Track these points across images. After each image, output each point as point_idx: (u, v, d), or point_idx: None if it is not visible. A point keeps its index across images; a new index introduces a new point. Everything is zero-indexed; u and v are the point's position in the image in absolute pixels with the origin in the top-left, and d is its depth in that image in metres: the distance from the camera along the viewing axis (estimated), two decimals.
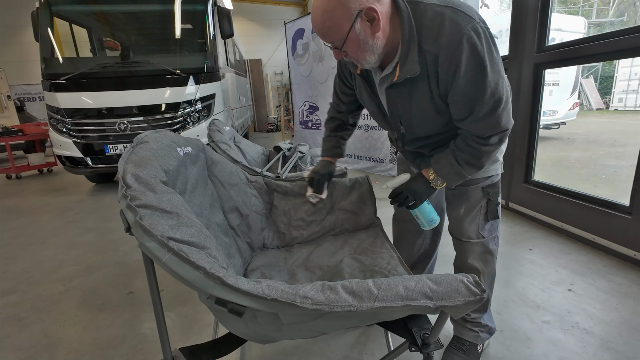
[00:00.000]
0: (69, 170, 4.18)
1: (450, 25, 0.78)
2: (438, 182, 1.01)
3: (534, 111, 2.38)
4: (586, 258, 1.91)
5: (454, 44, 0.78)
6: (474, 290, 0.58)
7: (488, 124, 0.88)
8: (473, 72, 0.80)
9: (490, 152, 0.94)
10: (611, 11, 15.43)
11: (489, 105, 0.84)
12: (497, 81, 0.82)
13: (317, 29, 0.84)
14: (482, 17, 0.83)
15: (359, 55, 0.86)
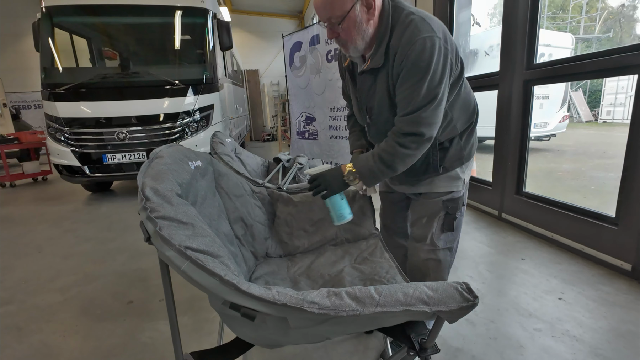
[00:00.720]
0: (66, 179, 4.18)
1: (413, 29, 0.91)
2: (351, 177, 1.08)
3: (524, 125, 2.47)
4: (576, 268, 1.97)
5: (409, 44, 0.90)
6: (467, 297, 0.63)
7: (410, 120, 0.95)
8: (414, 71, 0.91)
9: (403, 155, 0.99)
10: (597, 27, 15.97)
11: (417, 105, 0.93)
12: (432, 89, 0.92)
13: (320, 2, 0.95)
14: (448, 37, 0.95)
15: (351, 37, 0.98)
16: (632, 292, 1.70)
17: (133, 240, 2.81)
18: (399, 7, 0.98)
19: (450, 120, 1.08)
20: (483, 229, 2.65)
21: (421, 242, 1.22)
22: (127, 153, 3.99)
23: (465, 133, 1.14)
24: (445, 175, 1.16)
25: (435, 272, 1.23)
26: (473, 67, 5.58)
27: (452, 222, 1.19)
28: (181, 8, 4.24)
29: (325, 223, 1.37)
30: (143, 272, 2.21)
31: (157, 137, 4.04)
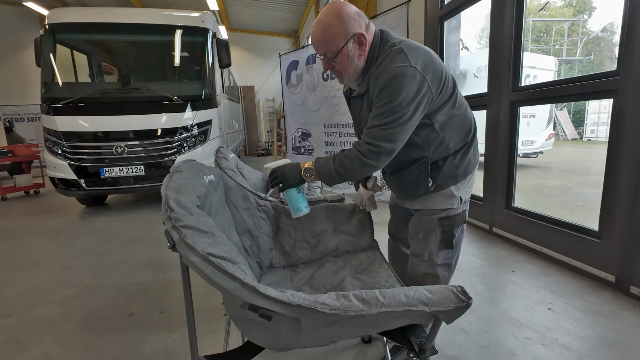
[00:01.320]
0: (61, 192, 4.17)
1: (389, 60, 1.02)
2: (307, 173, 1.14)
3: (511, 144, 2.61)
4: (564, 279, 2.06)
5: (382, 73, 1.01)
6: (462, 298, 0.70)
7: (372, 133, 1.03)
8: (383, 95, 1.01)
9: (361, 163, 1.04)
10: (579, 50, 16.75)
11: (381, 122, 1.01)
12: (398, 111, 0.99)
13: (317, 39, 1.07)
14: (429, 65, 1.03)
15: (344, 69, 1.10)
16: (617, 302, 1.79)
17: (132, 253, 2.82)
18: (385, 39, 1.09)
19: (442, 140, 1.14)
20: (475, 242, 2.74)
21: (419, 258, 1.26)
22: (124, 167, 4.02)
23: (460, 152, 1.18)
24: (440, 193, 1.20)
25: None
26: (463, 88, 5.82)
27: (451, 240, 1.22)
28: (183, 27, 4.39)
29: (326, 235, 1.44)
30: (143, 284, 2.23)
31: (155, 151, 4.09)
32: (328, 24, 1.03)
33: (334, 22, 1.03)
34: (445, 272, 1.27)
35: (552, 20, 17.74)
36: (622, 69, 1.79)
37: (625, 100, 1.80)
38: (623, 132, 1.83)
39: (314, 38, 1.07)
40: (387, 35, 1.10)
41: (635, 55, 1.73)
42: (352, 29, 1.04)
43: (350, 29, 1.04)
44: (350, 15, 1.04)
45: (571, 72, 16.28)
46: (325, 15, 1.04)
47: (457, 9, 3.14)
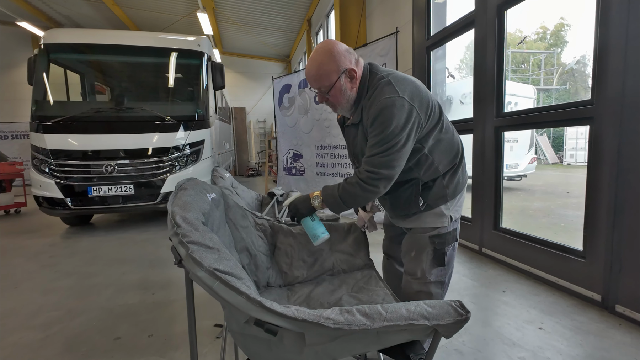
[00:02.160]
0: (45, 211, 4.06)
1: (378, 92, 1.11)
2: (316, 201, 1.19)
3: (497, 166, 2.72)
4: (552, 299, 2.10)
5: (373, 105, 1.10)
6: (460, 312, 0.73)
7: (371, 161, 1.10)
8: (376, 125, 1.09)
9: (363, 189, 1.11)
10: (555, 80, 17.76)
11: (377, 151, 1.09)
12: (391, 139, 1.07)
13: (312, 75, 1.16)
14: (416, 95, 1.12)
15: (338, 101, 1.19)
16: (604, 321, 1.83)
17: (118, 274, 2.74)
18: (374, 72, 1.19)
19: (432, 163, 1.21)
20: (465, 262, 2.78)
21: (412, 276, 1.29)
22: (113, 186, 3.97)
23: (449, 173, 1.25)
24: (431, 212, 1.25)
25: None
26: (449, 113, 6.06)
27: (442, 257, 1.26)
28: (179, 50, 4.50)
29: (322, 254, 1.46)
30: (130, 307, 2.16)
31: (146, 170, 4.07)
32: (321, 62, 1.12)
33: (326, 59, 1.12)
34: (439, 289, 1.29)
35: (529, 52, 18.88)
36: (597, 98, 1.93)
37: (600, 127, 1.93)
38: (600, 156, 1.94)
39: (308, 74, 1.16)
40: (376, 69, 1.20)
41: (608, 85, 1.87)
42: (343, 65, 1.13)
43: (342, 65, 1.13)
44: (341, 53, 1.13)
45: (549, 100, 17.17)
46: (318, 53, 1.14)
47: (443, 40, 3.34)
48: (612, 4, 1.82)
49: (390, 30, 3.87)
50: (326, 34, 8.13)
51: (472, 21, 2.85)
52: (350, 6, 5.52)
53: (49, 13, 9.95)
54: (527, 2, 2.49)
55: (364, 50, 4.13)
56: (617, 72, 1.82)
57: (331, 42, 1.15)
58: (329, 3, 7.31)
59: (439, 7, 3.56)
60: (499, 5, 2.55)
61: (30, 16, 9.53)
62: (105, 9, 9.31)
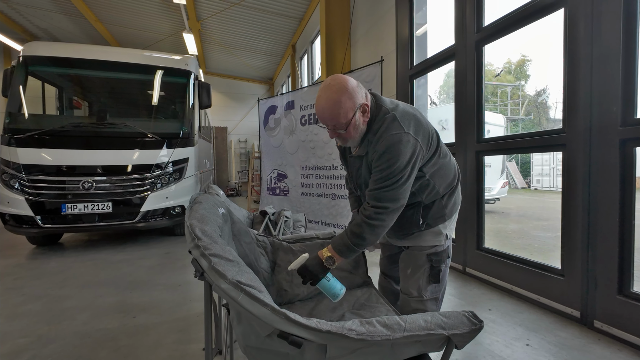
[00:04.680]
0: (10, 229, 3.79)
1: (384, 128, 1.14)
2: (330, 262, 1.16)
3: (478, 188, 2.86)
4: (535, 316, 2.18)
5: (379, 140, 1.14)
6: (474, 321, 0.76)
7: (376, 195, 1.14)
8: (382, 160, 1.13)
9: (371, 225, 1.13)
10: (521, 111, 19.11)
11: (382, 185, 1.13)
12: (396, 174, 1.12)
13: (327, 115, 1.13)
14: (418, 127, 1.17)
15: (351, 136, 1.18)
16: (584, 336, 1.92)
17: (93, 297, 2.57)
18: (379, 105, 1.20)
19: (433, 187, 1.29)
20: (451, 282, 2.84)
21: (409, 295, 1.33)
22: (90, 203, 3.79)
23: (446, 195, 1.33)
24: (429, 231, 1.32)
25: None
26: None
27: (438, 275, 1.31)
28: (167, 69, 4.50)
29: None
30: (110, 331, 2.02)
31: (126, 187, 3.93)
32: (338, 101, 1.10)
33: (343, 97, 1.10)
34: (434, 306, 1.34)
35: (497, 84, 20.35)
36: (568, 127, 2.12)
37: (572, 154, 2.11)
38: (574, 180, 2.11)
39: (323, 113, 1.13)
40: (380, 100, 1.22)
41: (578, 115, 2.06)
42: (358, 101, 1.13)
43: (357, 102, 1.13)
44: (354, 89, 1.13)
45: (516, 129, 18.37)
46: (332, 91, 1.11)
47: (425, 70, 3.56)
48: (579, 43, 2.05)
49: (374, 59, 4.08)
50: (311, 59, 8.41)
51: (452, 54, 3.07)
52: (336, 35, 5.79)
53: (25, 25, 9.69)
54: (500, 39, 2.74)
55: (351, 76, 4.31)
56: (584, 105, 2.02)
57: (342, 78, 1.14)
58: (314, 30, 7.63)
59: (421, 39, 3.82)
60: (477, 41, 2.78)
61: (6, 28, 9.24)
62: (87, 25, 9.20)
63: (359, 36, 5.44)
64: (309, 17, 7.71)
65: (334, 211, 4.60)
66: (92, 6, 8.17)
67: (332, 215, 4.62)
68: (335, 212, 4.58)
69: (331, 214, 4.64)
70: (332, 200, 4.61)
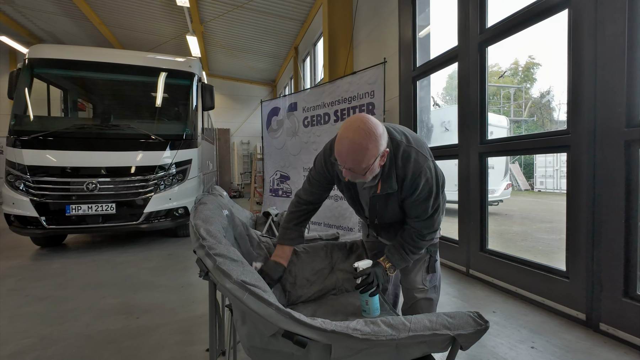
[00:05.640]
0: (15, 230, 3.82)
1: (414, 163, 1.17)
2: (391, 270, 1.31)
3: (482, 189, 2.85)
4: (540, 318, 2.17)
5: (415, 175, 1.18)
6: (479, 322, 0.76)
7: (427, 224, 1.27)
8: (425, 193, 1.20)
9: (425, 245, 1.32)
10: (525, 112, 19.04)
11: (430, 213, 1.25)
12: (437, 198, 1.24)
13: (349, 159, 1.06)
14: (430, 152, 1.27)
15: (365, 178, 1.14)
16: (589, 339, 1.90)
17: (96, 298, 2.58)
18: (394, 139, 1.19)
19: None
20: (454, 284, 2.83)
21: (413, 287, 1.42)
22: (94, 204, 3.81)
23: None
24: None
25: (427, 310, 1.41)
26: (434, 140, 6.36)
27: (434, 264, 1.44)
28: (171, 71, 4.53)
29: (325, 272, 1.46)
30: (112, 332, 2.02)
31: (130, 189, 3.95)
32: (365, 147, 1.04)
33: (370, 145, 1.04)
34: (435, 293, 1.45)
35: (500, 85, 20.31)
36: (572, 128, 2.11)
37: (576, 155, 2.09)
38: (578, 181, 2.09)
39: (345, 156, 1.06)
40: (391, 133, 1.20)
41: (582, 116, 2.05)
42: (381, 149, 1.08)
43: (380, 149, 1.08)
44: (382, 136, 1.08)
45: (519, 130, 18.31)
46: (361, 136, 1.03)
47: (428, 72, 3.56)
48: (583, 45, 2.04)
49: (377, 61, 4.09)
50: (313, 61, 8.43)
51: (455, 55, 3.07)
52: (339, 37, 5.81)
53: (30, 28, 9.80)
54: (504, 41, 2.73)
55: (353, 78, 4.32)
56: (589, 106, 2.01)
57: (372, 122, 1.06)
58: (317, 32, 7.65)
59: (424, 41, 3.82)
60: (480, 42, 2.78)
61: (11, 31, 9.34)
62: (91, 28, 9.29)
63: (361, 38, 5.45)
64: (311, 20, 7.74)
65: (336, 212, 4.60)
66: (96, 9, 8.24)
67: (335, 217, 4.61)
68: (338, 214, 4.57)
69: (334, 215, 4.63)
70: (335, 202, 4.60)
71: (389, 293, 1.63)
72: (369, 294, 1.21)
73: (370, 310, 1.23)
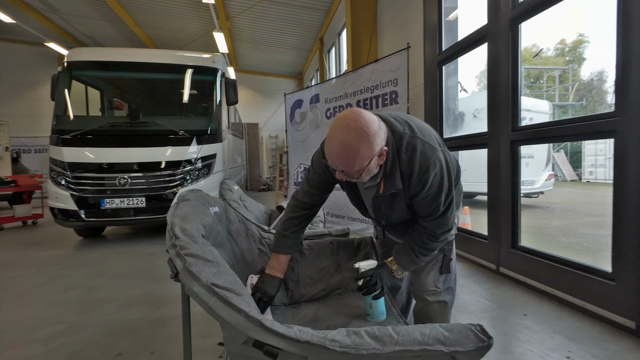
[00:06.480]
0: (60, 222, 4.13)
1: (420, 156, 1.02)
2: (399, 272, 1.19)
3: (514, 181, 2.61)
4: (579, 324, 1.95)
5: (423, 169, 1.02)
6: (482, 337, 0.65)
7: (440, 223, 1.13)
8: (435, 189, 1.06)
9: (438, 246, 1.18)
10: (571, 96, 17.47)
11: (443, 210, 1.11)
12: (450, 193, 1.10)
13: (339, 162, 0.95)
14: (440, 141, 1.11)
15: (362, 179, 1.03)
16: (639, 351, 1.67)
17: (123, 288, 2.71)
18: (395, 132, 1.03)
19: None
20: (482, 282, 2.64)
21: (424, 289, 1.30)
22: (125, 198, 4.01)
23: (457, 186, 1.27)
24: None
25: (441, 314, 1.29)
26: (462, 128, 5.99)
27: (448, 264, 1.31)
28: (195, 67, 4.62)
29: (330, 270, 1.39)
30: (133, 322, 2.11)
31: (158, 183, 4.11)
32: (356, 150, 0.92)
33: (362, 146, 0.92)
34: (450, 295, 1.33)
35: (543, 67, 18.75)
36: (620, 110, 1.84)
37: (625, 141, 1.83)
38: (626, 171, 1.83)
39: (335, 159, 0.96)
40: (391, 125, 1.05)
41: (632, 96, 1.78)
42: (377, 147, 0.96)
43: (376, 149, 0.95)
44: (376, 134, 0.94)
45: (565, 116, 16.85)
46: (351, 137, 0.91)
47: (455, 55, 3.32)
48: (633, 18, 1.76)
49: (401, 47, 3.88)
50: (338, 52, 8.26)
51: (484, 35, 2.82)
52: (362, 25, 5.61)
53: (74, 34, 10.50)
54: (545, 17, 2.45)
55: (375, 66, 4.14)
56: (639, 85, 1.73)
57: (364, 120, 0.93)
58: (341, 22, 7.46)
59: (451, 24, 3.56)
60: (512, 19, 2.52)
61: (58, 37, 10.07)
62: (127, 30, 9.76)
63: (385, 25, 5.22)
64: (335, 9, 7.56)
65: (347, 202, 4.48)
66: (130, 11, 8.63)
67: (345, 206, 4.50)
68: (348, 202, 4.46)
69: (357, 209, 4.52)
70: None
71: (401, 291, 1.52)
72: (372, 296, 1.12)
73: (374, 314, 1.14)
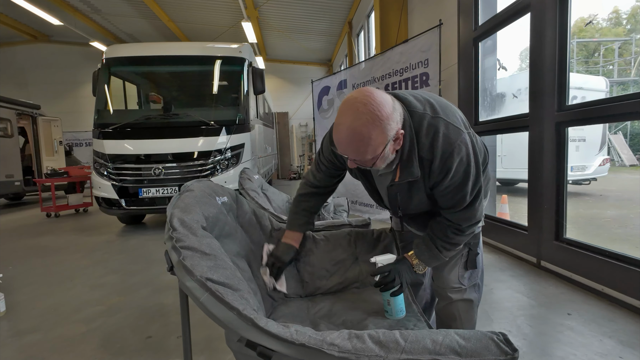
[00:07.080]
0: (104, 210, 4.43)
1: (443, 139, 0.89)
2: (420, 267, 1.10)
3: (559, 167, 2.36)
4: (635, 327, 1.73)
5: (446, 155, 0.90)
6: (504, 349, 0.56)
7: (466, 216, 1.01)
8: (460, 177, 0.93)
9: (464, 240, 1.07)
10: (633, 71, 15.59)
11: (470, 201, 0.98)
12: (478, 181, 0.97)
13: (349, 150, 0.86)
14: (466, 122, 0.98)
15: (377, 166, 0.92)
16: None
17: (157, 273, 2.85)
18: (413, 111, 0.92)
19: None
20: (520, 277, 2.45)
21: (447, 286, 1.20)
22: (160, 188, 4.20)
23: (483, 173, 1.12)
24: None
25: (466, 313, 1.19)
26: (501, 110, 5.55)
27: (475, 259, 1.19)
28: (223, 58, 4.68)
29: (347, 263, 1.33)
30: (164, 307, 2.20)
31: (190, 173, 4.25)
32: (368, 137, 0.82)
33: (374, 132, 0.82)
34: (476, 293, 1.23)
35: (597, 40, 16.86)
36: None
37: None
38: None
39: (345, 147, 0.86)
40: (409, 104, 0.93)
41: None
42: (391, 132, 0.84)
43: (390, 133, 0.84)
44: (389, 116, 0.83)
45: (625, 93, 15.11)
46: (361, 122, 0.81)
47: (493, 29, 3.03)
48: None
49: (432, 25, 3.62)
50: (367, 35, 7.97)
51: (527, 5, 2.53)
52: (391, 3, 5.33)
53: (115, 32, 11.09)
54: None
55: (405, 47, 3.92)
56: None
57: (376, 102, 0.82)
58: (370, 3, 7.15)
59: None
60: None
61: (101, 36, 10.69)
62: (162, 25, 10.12)
63: (415, 2, 4.90)
64: None
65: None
66: (164, 7, 8.91)
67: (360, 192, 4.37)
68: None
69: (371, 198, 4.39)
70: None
71: (424, 287, 1.43)
72: (390, 293, 1.05)
73: (393, 312, 1.07)
